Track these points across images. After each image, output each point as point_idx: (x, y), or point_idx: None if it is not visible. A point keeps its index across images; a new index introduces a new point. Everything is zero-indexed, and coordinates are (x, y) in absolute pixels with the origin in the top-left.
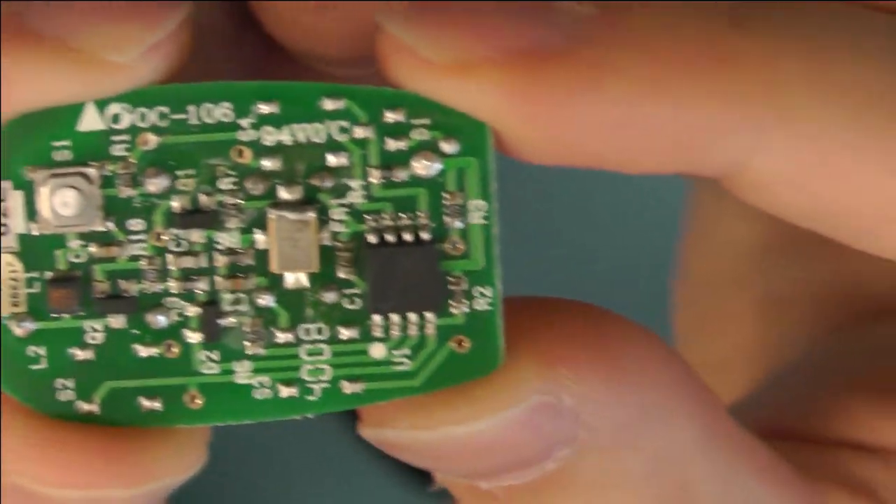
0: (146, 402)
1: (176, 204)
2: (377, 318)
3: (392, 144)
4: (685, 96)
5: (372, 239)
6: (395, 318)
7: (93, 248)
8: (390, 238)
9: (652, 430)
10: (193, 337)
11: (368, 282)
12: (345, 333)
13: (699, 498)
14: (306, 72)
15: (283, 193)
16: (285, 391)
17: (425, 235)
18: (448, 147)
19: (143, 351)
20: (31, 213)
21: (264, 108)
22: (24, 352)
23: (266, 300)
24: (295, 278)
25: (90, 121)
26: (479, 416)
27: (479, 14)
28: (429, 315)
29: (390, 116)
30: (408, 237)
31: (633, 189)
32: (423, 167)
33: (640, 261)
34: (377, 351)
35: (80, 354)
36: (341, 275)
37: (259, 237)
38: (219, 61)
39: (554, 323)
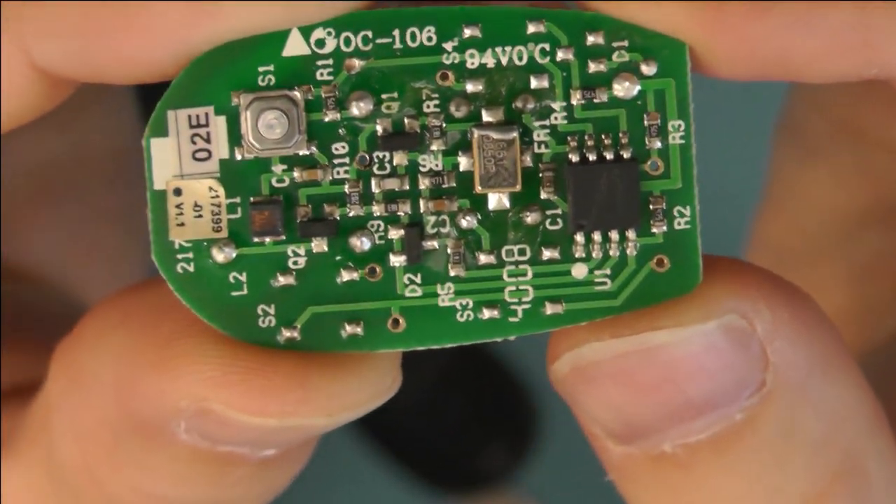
0: (348, 327)
1: (380, 127)
2: (579, 238)
3: (593, 66)
4: None
5: (574, 158)
6: (596, 237)
7: (296, 173)
8: (592, 157)
9: (830, 389)
10: (396, 260)
11: (570, 197)
12: (547, 254)
13: (871, 481)
14: None
15: (487, 115)
16: (487, 313)
17: (626, 153)
18: (647, 68)
19: (346, 275)
20: (235, 138)
21: (468, 32)
22: (226, 278)
23: (469, 222)
24: (497, 199)
25: (295, 46)
26: (678, 324)
27: None
28: (629, 234)
29: (591, 39)
30: (609, 156)
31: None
32: (624, 89)
33: (712, 233)
34: (579, 271)
35: (282, 280)
36: (544, 195)
37: (462, 159)
38: None
39: (744, 264)
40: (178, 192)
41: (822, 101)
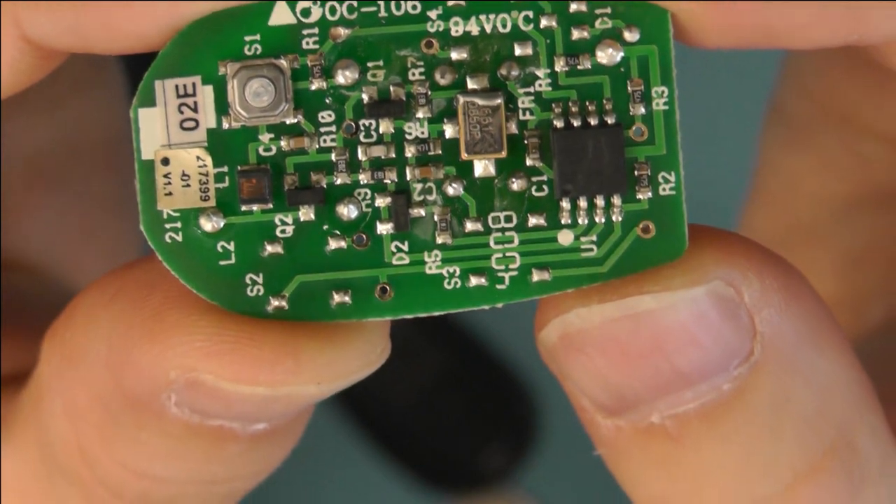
0: (337, 296)
1: (365, 95)
2: (565, 205)
3: (576, 34)
4: None
5: (558, 124)
6: (582, 204)
7: (283, 142)
8: (576, 123)
9: (821, 362)
10: (383, 228)
11: (555, 163)
12: (533, 221)
13: (863, 457)
14: None
15: (471, 83)
16: (474, 280)
17: (610, 120)
18: (629, 35)
19: (333, 243)
20: (222, 107)
21: (452, 0)
22: (214, 247)
23: (455, 189)
24: (483, 166)
25: (281, 15)
26: (665, 289)
27: None
28: (615, 200)
29: (574, 6)
30: (593, 122)
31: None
32: (607, 55)
33: (701, 220)
34: (565, 237)
35: (270, 248)
36: (529, 162)
37: (447, 127)
38: None
39: (732, 234)
40: (165, 161)
41: (809, 88)
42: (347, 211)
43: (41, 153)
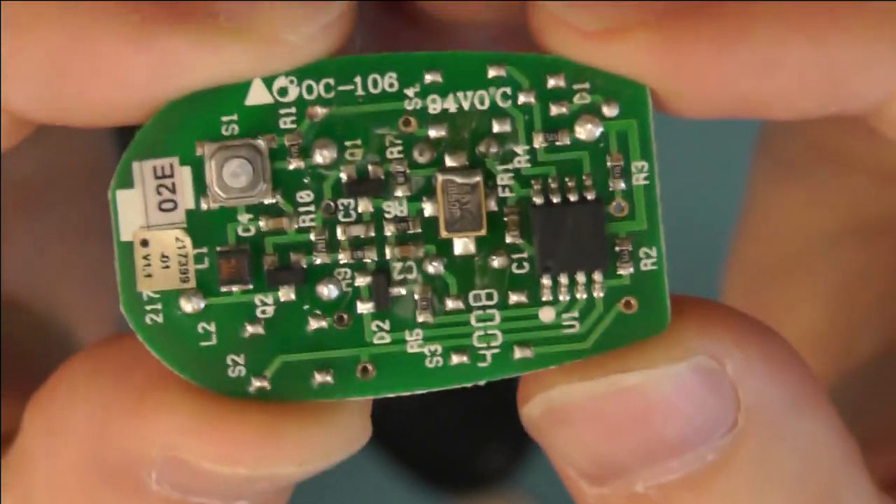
0: (318, 376)
1: (344, 174)
2: (546, 281)
3: (554, 109)
4: (828, 35)
5: (538, 200)
6: (563, 281)
7: (262, 222)
8: (556, 199)
9: (804, 426)
10: (364, 307)
11: (535, 239)
12: (514, 298)
13: None
14: (428, 37)
15: (450, 160)
16: (456, 359)
17: (590, 195)
18: (608, 110)
19: (314, 323)
20: (200, 188)
21: (429, 77)
22: (194, 329)
23: (435, 268)
24: (463, 244)
25: (257, 95)
26: (648, 365)
27: None
28: (596, 276)
29: (551, 82)
30: (573, 198)
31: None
32: (586, 131)
33: (690, 250)
34: (547, 314)
35: (251, 329)
36: (509, 239)
37: (426, 205)
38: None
39: (713, 304)
40: (145, 243)
41: (798, 123)
42: (328, 291)
43: (23, 179)
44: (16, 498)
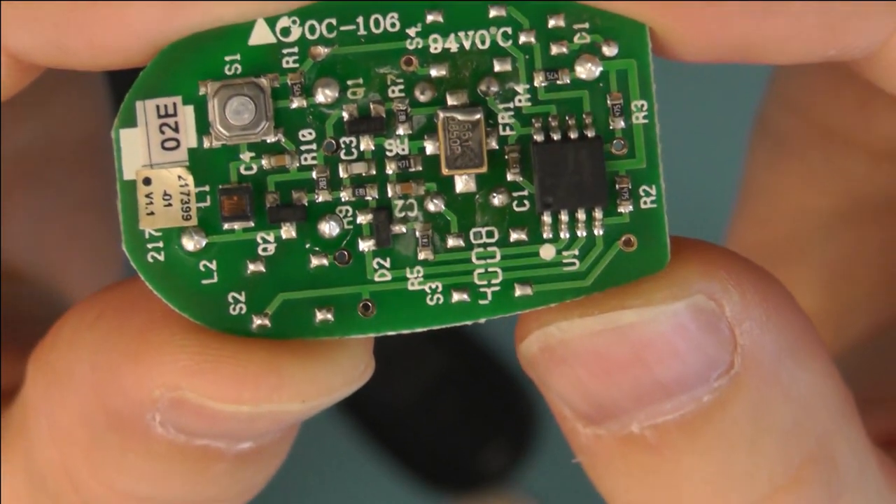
0: (319, 313)
1: (346, 113)
2: (546, 219)
3: (554, 49)
4: None
5: (538, 138)
6: (563, 218)
7: (264, 160)
8: (556, 137)
9: (801, 374)
10: (365, 244)
11: (536, 177)
12: (515, 236)
13: (841, 468)
14: None
15: (451, 99)
16: (456, 296)
17: (590, 132)
18: (608, 50)
19: (315, 261)
20: (203, 127)
21: (430, 17)
22: (196, 267)
23: (436, 205)
24: (464, 181)
25: (260, 35)
26: (647, 303)
27: None
28: (596, 213)
29: (552, 22)
30: (573, 135)
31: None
32: (586, 70)
33: (688, 232)
34: (547, 252)
35: (252, 267)
36: (510, 177)
37: (428, 143)
38: None
39: (714, 246)
40: (147, 181)
41: (795, 103)
42: (329, 228)
43: (23, 153)
44: (21, 451)
